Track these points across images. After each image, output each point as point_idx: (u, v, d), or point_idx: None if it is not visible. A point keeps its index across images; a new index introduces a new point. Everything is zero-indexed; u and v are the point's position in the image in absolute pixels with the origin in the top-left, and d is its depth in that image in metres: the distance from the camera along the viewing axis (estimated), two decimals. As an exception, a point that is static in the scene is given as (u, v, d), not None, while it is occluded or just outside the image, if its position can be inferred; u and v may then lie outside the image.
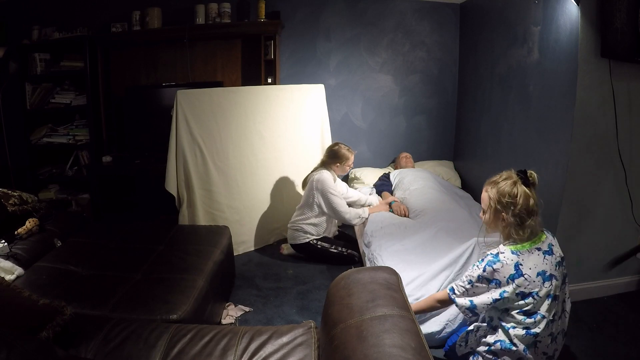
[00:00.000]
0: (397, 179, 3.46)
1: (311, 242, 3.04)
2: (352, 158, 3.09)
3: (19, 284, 1.79)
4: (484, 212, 1.72)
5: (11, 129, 3.72)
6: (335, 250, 3.04)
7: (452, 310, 2.13)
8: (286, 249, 3.24)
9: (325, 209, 3.00)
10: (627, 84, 2.29)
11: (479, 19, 3.60)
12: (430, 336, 2.12)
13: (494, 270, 1.58)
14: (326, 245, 3.05)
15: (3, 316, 1.32)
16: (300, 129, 3.47)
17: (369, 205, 3.21)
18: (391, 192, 3.40)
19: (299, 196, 3.25)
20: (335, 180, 3.09)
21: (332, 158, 3.07)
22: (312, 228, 3.05)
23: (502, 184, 1.65)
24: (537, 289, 1.56)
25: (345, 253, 3.04)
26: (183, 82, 3.74)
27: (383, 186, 3.47)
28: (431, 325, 2.14)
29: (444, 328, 2.13)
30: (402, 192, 3.28)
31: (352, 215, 3.00)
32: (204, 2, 3.62)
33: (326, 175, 3.00)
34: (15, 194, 2.40)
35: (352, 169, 4.03)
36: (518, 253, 1.59)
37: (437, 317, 2.15)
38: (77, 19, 3.69)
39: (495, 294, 1.59)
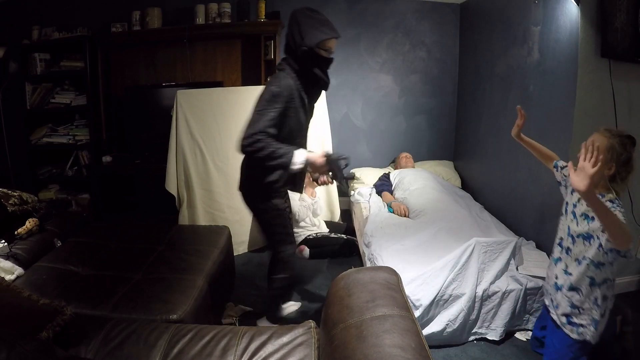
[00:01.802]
0: (397, 179, 3.46)
1: (308, 237, 3.11)
2: None
3: (19, 284, 1.79)
4: (595, 160, 1.36)
5: (11, 129, 3.72)
6: (335, 236, 3.14)
7: (453, 311, 2.14)
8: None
9: None
10: (627, 84, 2.29)
11: (479, 19, 3.60)
12: (431, 336, 2.13)
13: None
14: (324, 233, 3.17)
15: (3, 316, 1.32)
16: (300, 129, 3.47)
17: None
18: (391, 192, 3.40)
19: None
20: None
21: None
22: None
23: (624, 138, 1.55)
24: None
25: (345, 237, 3.16)
26: (183, 82, 3.74)
27: (383, 186, 3.47)
28: (432, 325, 2.14)
29: (445, 328, 2.13)
30: (402, 192, 3.28)
31: (299, 214, 3.11)
32: (204, 2, 3.62)
33: None
34: (15, 194, 2.40)
35: (353, 169, 4.04)
36: None
37: (438, 316, 2.15)
38: (77, 19, 3.69)
39: None
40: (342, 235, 3.19)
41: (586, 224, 1.58)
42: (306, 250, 3.16)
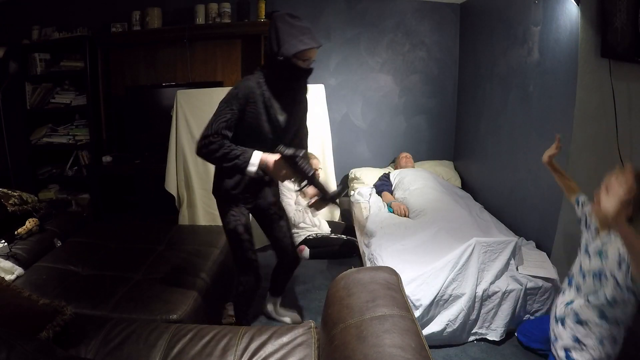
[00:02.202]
0: (397, 179, 3.46)
1: (308, 237, 3.14)
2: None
3: (19, 284, 1.79)
4: (620, 202, 1.40)
5: (11, 129, 3.72)
6: (335, 236, 3.16)
7: (453, 311, 2.14)
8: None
9: None
10: (627, 84, 2.29)
11: (479, 19, 3.60)
12: (431, 336, 2.13)
13: None
14: (324, 234, 3.18)
15: (3, 316, 1.32)
16: (300, 129, 3.47)
17: None
18: (391, 192, 3.40)
19: (299, 196, 3.28)
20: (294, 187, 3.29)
21: None
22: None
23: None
24: None
25: (345, 238, 3.18)
26: (183, 82, 3.74)
27: (383, 186, 3.48)
28: (432, 325, 2.14)
29: (445, 328, 2.14)
30: (402, 192, 3.28)
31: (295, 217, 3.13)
32: (204, 2, 3.61)
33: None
34: (15, 194, 2.40)
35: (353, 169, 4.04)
36: None
37: (438, 316, 2.15)
38: (77, 19, 3.69)
39: None
40: (342, 236, 3.20)
41: (599, 261, 1.55)
42: (306, 251, 3.16)
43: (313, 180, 1.77)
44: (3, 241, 2.20)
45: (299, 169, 1.71)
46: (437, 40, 4.00)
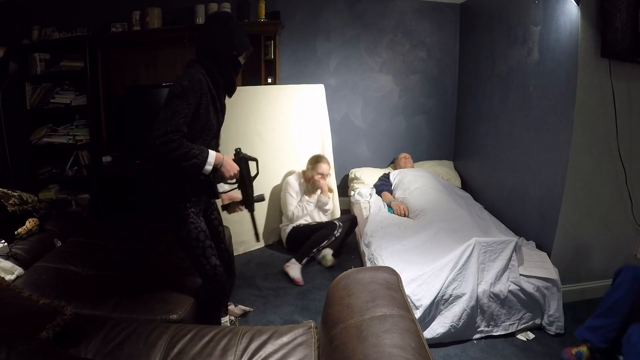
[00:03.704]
0: (397, 179, 3.46)
1: (294, 226, 3.22)
2: (320, 169, 3.19)
3: (19, 284, 1.78)
4: None
5: (11, 129, 3.71)
6: (315, 223, 3.24)
7: (456, 312, 2.14)
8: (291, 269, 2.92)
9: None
10: (627, 84, 2.29)
11: (479, 19, 3.60)
12: (434, 338, 2.13)
13: None
14: (307, 222, 3.26)
15: (3, 316, 1.32)
16: (300, 129, 3.47)
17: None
18: (391, 192, 3.40)
19: (299, 196, 3.28)
20: (300, 187, 3.27)
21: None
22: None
23: None
24: None
25: (325, 221, 3.26)
26: (183, 82, 3.73)
27: (383, 186, 3.48)
28: (436, 327, 2.14)
29: (449, 330, 2.13)
30: (402, 192, 3.28)
31: (294, 212, 3.20)
32: (204, 2, 3.62)
33: (291, 179, 3.27)
34: (15, 194, 2.40)
35: (353, 169, 4.04)
36: None
37: (439, 316, 2.15)
38: (77, 19, 3.69)
39: None
40: (322, 222, 3.27)
41: None
42: (295, 269, 2.91)
43: (250, 184, 1.86)
44: (3, 241, 2.20)
45: (247, 171, 1.81)
46: (437, 40, 4.00)
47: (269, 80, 3.73)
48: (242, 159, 1.80)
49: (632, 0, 2.06)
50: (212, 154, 1.70)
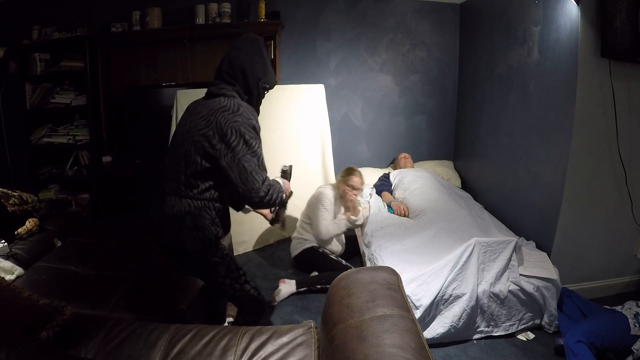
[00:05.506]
0: (397, 179, 3.46)
1: (314, 247, 2.89)
2: (351, 181, 2.93)
3: (19, 284, 1.79)
4: None
5: (11, 129, 3.72)
6: (335, 258, 2.85)
7: (456, 312, 2.14)
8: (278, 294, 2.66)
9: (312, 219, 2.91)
10: (627, 84, 2.29)
11: (479, 19, 3.60)
12: (434, 338, 2.13)
13: None
14: (327, 252, 2.88)
15: (3, 316, 1.32)
16: (300, 129, 3.47)
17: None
18: (391, 192, 3.40)
19: (298, 196, 3.25)
20: (335, 202, 2.95)
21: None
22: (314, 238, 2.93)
23: None
24: None
25: (343, 263, 2.83)
26: (183, 82, 3.74)
27: (383, 186, 3.48)
28: (436, 327, 2.14)
29: (449, 330, 2.13)
30: (402, 192, 3.28)
31: (329, 229, 2.83)
32: (204, 2, 3.62)
33: (327, 191, 2.95)
34: (15, 194, 2.40)
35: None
36: None
37: (441, 318, 2.15)
38: (77, 19, 3.69)
39: None
40: (342, 260, 2.87)
41: None
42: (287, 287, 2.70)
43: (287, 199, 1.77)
44: (3, 241, 2.20)
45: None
46: (437, 40, 4.00)
47: (269, 80, 3.72)
48: (287, 175, 1.71)
49: (632, 0, 2.06)
50: (280, 181, 1.66)
